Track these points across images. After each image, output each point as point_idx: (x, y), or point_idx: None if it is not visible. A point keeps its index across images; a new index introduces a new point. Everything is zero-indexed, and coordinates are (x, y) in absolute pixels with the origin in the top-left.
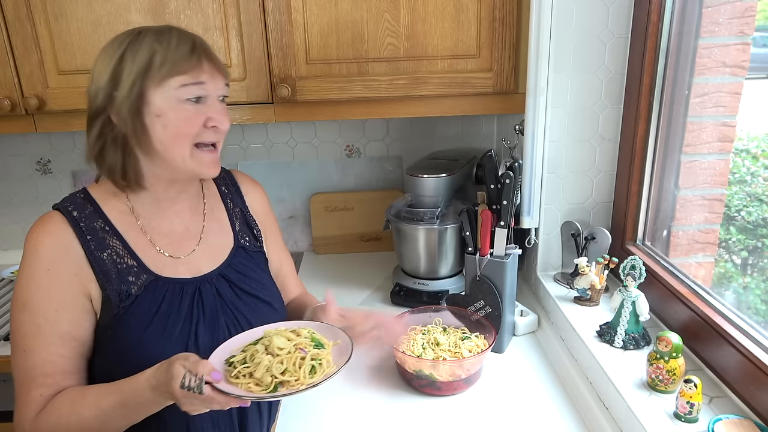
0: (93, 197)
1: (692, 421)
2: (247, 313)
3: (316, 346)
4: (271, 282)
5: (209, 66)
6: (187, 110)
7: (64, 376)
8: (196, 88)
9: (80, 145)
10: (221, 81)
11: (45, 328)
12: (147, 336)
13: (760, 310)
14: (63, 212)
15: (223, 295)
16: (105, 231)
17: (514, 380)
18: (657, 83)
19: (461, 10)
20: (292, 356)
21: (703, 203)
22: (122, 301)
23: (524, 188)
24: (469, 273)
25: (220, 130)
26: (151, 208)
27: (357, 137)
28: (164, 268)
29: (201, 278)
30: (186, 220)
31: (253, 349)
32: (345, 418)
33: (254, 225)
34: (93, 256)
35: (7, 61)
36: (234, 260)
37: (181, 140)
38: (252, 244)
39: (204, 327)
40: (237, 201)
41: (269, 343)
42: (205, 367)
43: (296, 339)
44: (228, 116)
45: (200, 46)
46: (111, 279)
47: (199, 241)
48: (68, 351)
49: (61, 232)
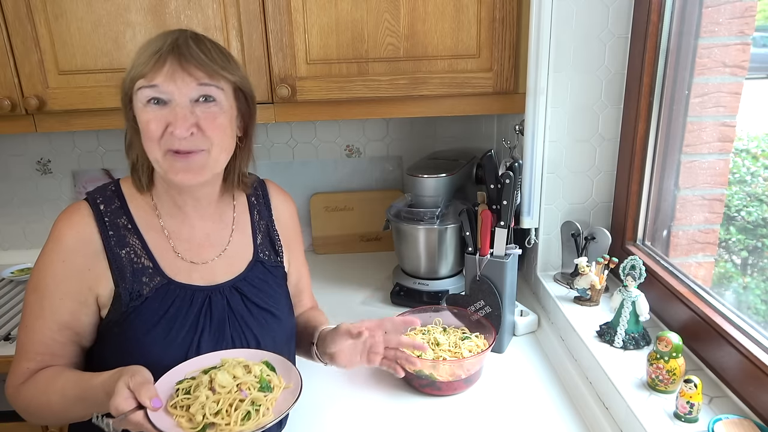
0: (123, 192)
1: (692, 421)
2: (254, 327)
3: (263, 388)
4: (286, 298)
5: (173, 67)
6: (149, 114)
7: (53, 357)
8: (150, 90)
9: (80, 145)
10: (191, 83)
11: (47, 312)
12: (150, 338)
13: (760, 310)
14: (91, 204)
15: (233, 307)
16: (127, 228)
17: (514, 380)
18: (657, 83)
19: (461, 10)
20: (230, 396)
21: (703, 203)
22: (132, 300)
23: (524, 188)
24: (469, 273)
25: (176, 136)
26: (173, 210)
27: (357, 137)
28: (178, 273)
29: (213, 288)
30: (207, 228)
31: (200, 379)
32: (345, 418)
33: (277, 239)
34: (112, 252)
35: (7, 61)
36: (250, 274)
37: (149, 143)
38: (271, 259)
39: (208, 337)
40: (264, 213)
41: (213, 377)
42: (148, 392)
43: (242, 378)
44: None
45: (171, 47)
46: (125, 277)
47: (222, 252)
48: (62, 337)
49: (85, 225)
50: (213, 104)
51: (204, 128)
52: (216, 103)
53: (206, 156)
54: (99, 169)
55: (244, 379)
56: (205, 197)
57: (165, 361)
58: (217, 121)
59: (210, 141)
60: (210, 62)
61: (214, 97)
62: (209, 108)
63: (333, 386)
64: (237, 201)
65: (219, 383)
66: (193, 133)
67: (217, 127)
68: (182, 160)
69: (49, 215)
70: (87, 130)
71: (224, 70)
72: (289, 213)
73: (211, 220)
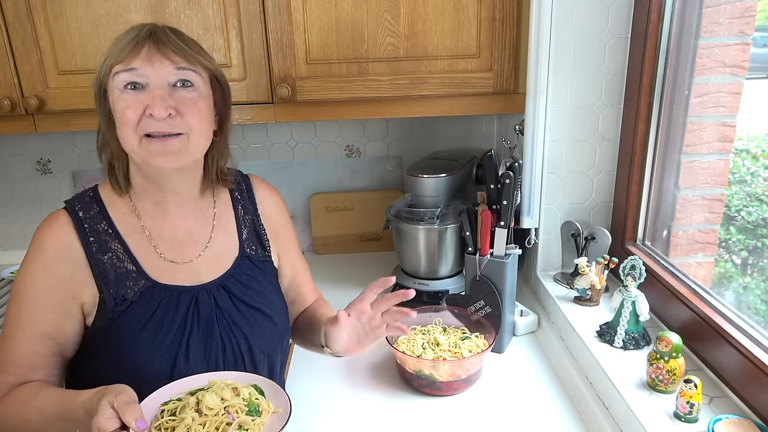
0: (101, 197)
1: (692, 421)
2: (244, 326)
3: (251, 412)
4: (276, 295)
5: (151, 51)
6: (125, 99)
7: (32, 371)
8: (128, 74)
9: (80, 145)
10: (169, 66)
11: (27, 322)
12: (137, 343)
13: (760, 310)
14: (70, 212)
15: (221, 306)
16: (108, 234)
17: (514, 380)
18: (657, 83)
19: (461, 10)
20: (217, 419)
21: (703, 203)
22: (117, 306)
23: (524, 188)
24: (469, 273)
25: (154, 117)
26: (153, 210)
27: (357, 137)
28: (162, 274)
29: (200, 287)
30: (189, 225)
31: (186, 400)
32: (345, 418)
33: (264, 234)
34: (94, 258)
35: (7, 61)
36: (237, 270)
37: (125, 130)
38: (258, 254)
39: (197, 338)
40: (249, 208)
41: (201, 399)
42: (133, 412)
43: (230, 400)
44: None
45: (148, 33)
46: (109, 283)
47: (205, 249)
48: (44, 349)
49: (65, 234)
50: (191, 89)
51: (182, 112)
52: (194, 88)
53: (185, 140)
54: (99, 169)
55: (232, 402)
56: (185, 191)
57: (154, 366)
58: (196, 105)
59: (189, 125)
60: (187, 48)
61: (191, 81)
62: (188, 93)
63: (332, 386)
64: (218, 197)
65: (206, 405)
66: (171, 114)
67: (197, 112)
68: (159, 144)
69: None
70: (87, 130)
71: (201, 56)
72: (275, 206)
73: (193, 217)
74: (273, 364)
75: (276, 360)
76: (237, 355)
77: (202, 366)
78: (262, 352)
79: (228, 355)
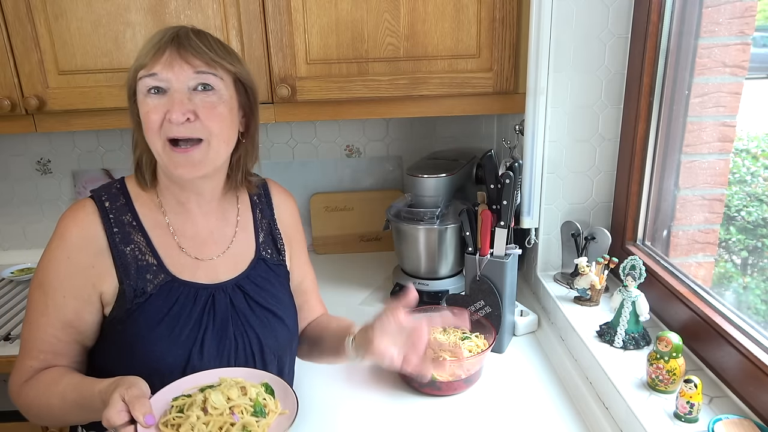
0: (128, 189)
1: (692, 421)
2: (257, 326)
3: (256, 413)
4: (289, 298)
5: (172, 56)
6: (149, 103)
7: (56, 356)
8: (150, 79)
9: (80, 145)
10: (189, 70)
11: (51, 310)
12: (154, 335)
13: (760, 310)
14: (96, 201)
15: (236, 306)
16: (132, 226)
17: (514, 380)
18: (657, 83)
19: (461, 10)
20: (221, 419)
21: (703, 203)
22: (136, 297)
23: (524, 188)
24: (469, 273)
25: (173, 122)
26: (177, 207)
27: (357, 137)
28: (183, 270)
29: (217, 286)
30: (211, 225)
31: (195, 397)
32: (345, 418)
33: (279, 238)
34: (116, 249)
35: (7, 61)
36: (253, 272)
37: (150, 134)
38: (273, 257)
39: (212, 335)
40: (266, 212)
41: (207, 397)
42: (143, 407)
43: (236, 400)
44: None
45: (171, 38)
46: (130, 274)
47: (226, 249)
48: (65, 336)
49: (90, 222)
50: (212, 93)
51: (202, 117)
52: (215, 92)
53: (206, 148)
54: (99, 169)
55: (237, 402)
56: (208, 192)
57: (168, 359)
58: (216, 110)
59: (208, 131)
60: (208, 51)
61: (212, 85)
62: (208, 97)
63: (333, 386)
64: (241, 200)
65: (212, 404)
66: (190, 119)
67: (216, 116)
68: (182, 154)
69: (49, 215)
70: (87, 130)
71: (223, 60)
72: (290, 211)
73: (215, 218)
74: (282, 365)
75: (285, 361)
76: (248, 355)
77: (215, 363)
78: (273, 353)
79: (240, 354)
